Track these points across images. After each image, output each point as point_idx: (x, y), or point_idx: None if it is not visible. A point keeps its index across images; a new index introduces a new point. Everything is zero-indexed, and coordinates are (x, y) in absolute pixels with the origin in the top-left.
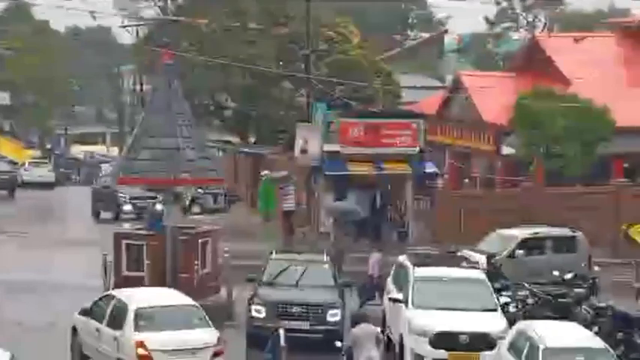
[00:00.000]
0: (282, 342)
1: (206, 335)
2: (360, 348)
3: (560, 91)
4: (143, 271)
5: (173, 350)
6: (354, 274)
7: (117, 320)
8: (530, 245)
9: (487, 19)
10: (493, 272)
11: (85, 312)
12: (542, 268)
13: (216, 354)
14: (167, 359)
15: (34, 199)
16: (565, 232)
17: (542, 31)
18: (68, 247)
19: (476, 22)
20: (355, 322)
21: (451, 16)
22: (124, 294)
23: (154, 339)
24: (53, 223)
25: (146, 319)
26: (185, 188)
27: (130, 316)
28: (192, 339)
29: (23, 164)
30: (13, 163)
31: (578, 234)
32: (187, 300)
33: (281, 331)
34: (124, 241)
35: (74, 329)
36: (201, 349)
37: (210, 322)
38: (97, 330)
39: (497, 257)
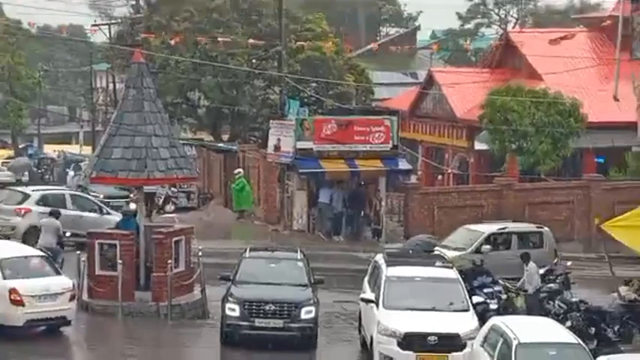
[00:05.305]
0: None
1: (64, 281)
2: (44, 234)
3: (531, 86)
4: (116, 270)
5: (40, 295)
6: (323, 270)
7: None
8: (497, 240)
9: (459, 15)
10: (476, 269)
11: None
12: (509, 264)
13: (72, 297)
14: (35, 303)
15: None
16: (531, 227)
17: (515, 26)
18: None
19: (448, 18)
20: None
21: (422, 12)
22: None
23: (23, 286)
24: None
25: (11, 268)
26: (158, 187)
27: None
28: (53, 284)
29: None
30: None
31: (545, 229)
32: (36, 251)
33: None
34: (97, 241)
35: None
36: (61, 293)
37: (60, 270)
38: None
39: (464, 252)
